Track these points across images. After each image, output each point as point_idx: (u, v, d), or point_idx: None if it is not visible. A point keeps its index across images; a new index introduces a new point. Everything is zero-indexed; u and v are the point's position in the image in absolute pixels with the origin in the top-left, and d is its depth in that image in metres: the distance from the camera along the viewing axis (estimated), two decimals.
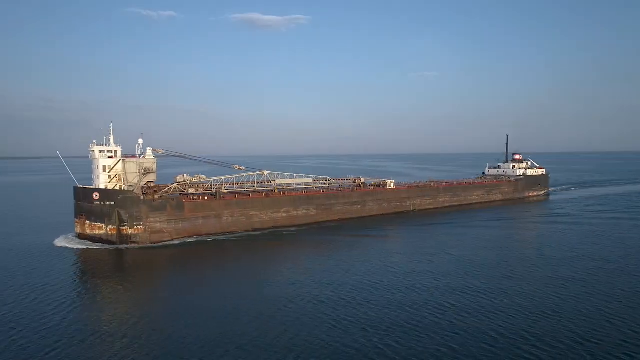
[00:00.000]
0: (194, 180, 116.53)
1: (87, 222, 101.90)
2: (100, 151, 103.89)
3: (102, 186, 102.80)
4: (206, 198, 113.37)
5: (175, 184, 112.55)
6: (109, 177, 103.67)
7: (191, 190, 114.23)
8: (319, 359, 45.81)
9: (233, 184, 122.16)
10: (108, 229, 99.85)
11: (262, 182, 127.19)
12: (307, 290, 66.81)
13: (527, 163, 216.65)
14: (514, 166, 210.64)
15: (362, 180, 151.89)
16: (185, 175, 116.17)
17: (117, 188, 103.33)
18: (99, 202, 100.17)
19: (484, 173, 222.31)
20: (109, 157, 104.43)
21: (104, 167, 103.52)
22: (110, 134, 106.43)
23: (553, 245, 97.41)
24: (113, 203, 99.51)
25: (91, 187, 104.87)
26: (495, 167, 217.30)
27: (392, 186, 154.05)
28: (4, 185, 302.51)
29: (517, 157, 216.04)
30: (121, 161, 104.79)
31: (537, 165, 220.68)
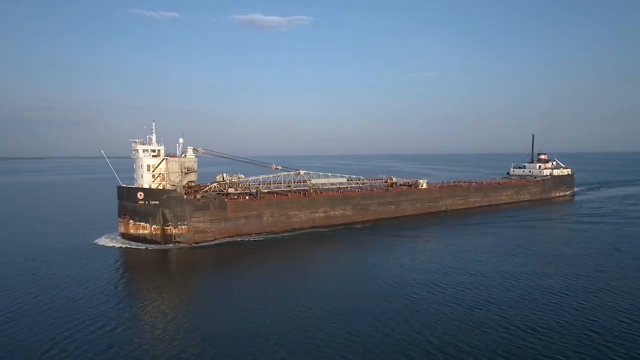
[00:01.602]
0: (233, 180, 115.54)
1: (131, 221, 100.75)
2: (144, 150, 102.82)
3: (145, 185, 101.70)
4: (247, 198, 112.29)
5: (215, 184, 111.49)
6: (153, 176, 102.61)
7: (230, 190, 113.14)
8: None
9: (270, 184, 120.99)
10: (152, 228, 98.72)
11: (297, 182, 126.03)
12: (406, 286, 66.93)
13: (552, 163, 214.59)
14: (540, 166, 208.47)
15: (394, 180, 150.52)
16: (224, 174, 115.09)
17: (161, 187, 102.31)
18: (143, 202, 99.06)
19: (508, 173, 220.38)
20: (152, 156, 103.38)
21: (148, 166, 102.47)
22: (152, 132, 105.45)
23: (623, 241, 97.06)
24: (157, 202, 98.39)
25: (135, 186, 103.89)
26: (520, 167, 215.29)
27: (425, 186, 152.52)
28: (30, 185, 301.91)
29: (542, 157, 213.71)
30: (164, 160, 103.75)
31: (563, 165, 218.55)
